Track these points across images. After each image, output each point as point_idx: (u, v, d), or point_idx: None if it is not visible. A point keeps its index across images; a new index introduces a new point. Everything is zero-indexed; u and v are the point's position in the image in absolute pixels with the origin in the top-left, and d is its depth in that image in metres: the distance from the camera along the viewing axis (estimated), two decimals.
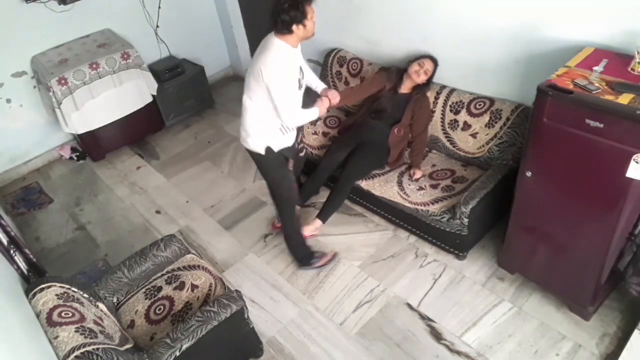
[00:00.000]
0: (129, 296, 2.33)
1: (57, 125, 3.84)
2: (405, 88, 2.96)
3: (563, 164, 2.00)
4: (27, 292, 1.89)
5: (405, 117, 2.93)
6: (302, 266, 2.87)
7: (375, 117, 3.03)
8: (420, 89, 2.95)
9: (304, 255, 2.86)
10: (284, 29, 2.20)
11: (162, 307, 2.26)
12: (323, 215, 2.97)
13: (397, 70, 3.03)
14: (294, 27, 2.20)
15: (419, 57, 2.93)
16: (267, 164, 2.56)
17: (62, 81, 3.54)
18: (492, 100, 2.79)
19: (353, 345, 2.43)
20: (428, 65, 2.88)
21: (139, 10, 4.18)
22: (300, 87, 2.42)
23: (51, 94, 3.57)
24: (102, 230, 3.41)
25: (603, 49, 2.13)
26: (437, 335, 2.41)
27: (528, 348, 2.30)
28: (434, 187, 2.81)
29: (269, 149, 2.47)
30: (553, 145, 1.99)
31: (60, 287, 1.94)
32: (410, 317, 2.52)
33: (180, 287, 2.33)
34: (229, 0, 4.53)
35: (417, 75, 2.87)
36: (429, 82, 2.94)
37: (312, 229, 2.96)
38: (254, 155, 2.56)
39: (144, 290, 2.35)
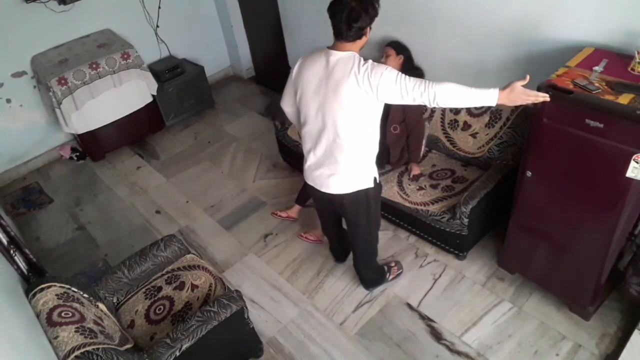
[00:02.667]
0: (129, 296, 2.33)
1: (57, 125, 3.85)
2: None
3: (563, 164, 2.00)
4: (27, 292, 1.89)
5: (393, 112, 2.81)
6: (375, 287, 2.67)
7: None
8: None
9: (380, 276, 2.64)
10: (355, 35, 1.80)
11: (162, 307, 2.26)
12: None
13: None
14: (368, 30, 1.84)
15: (385, 44, 2.95)
16: (375, 197, 2.16)
17: (62, 81, 3.54)
18: None
19: (353, 345, 2.43)
20: (388, 51, 2.90)
21: (139, 10, 4.18)
22: None
23: (51, 94, 3.57)
24: (102, 230, 3.41)
25: (603, 49, 2.13)
26: (437, 335, 2.42)
27: (528, 348, 2.30)
28: (434, 187, 2.81)
29: (375, 179, 2.10)
30: (553, 145, 1.99)
31: (60, 287, 1.94)
32: (410, 317, 2.52)
33: (180, 287, 2.33)
34: (229, 0, 4.54)
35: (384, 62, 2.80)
36: (413, 72, 2.86)
37: (318, 234, 2.97)
38: (355, 196, 2.07)
39: (144, 290, 2.35)
